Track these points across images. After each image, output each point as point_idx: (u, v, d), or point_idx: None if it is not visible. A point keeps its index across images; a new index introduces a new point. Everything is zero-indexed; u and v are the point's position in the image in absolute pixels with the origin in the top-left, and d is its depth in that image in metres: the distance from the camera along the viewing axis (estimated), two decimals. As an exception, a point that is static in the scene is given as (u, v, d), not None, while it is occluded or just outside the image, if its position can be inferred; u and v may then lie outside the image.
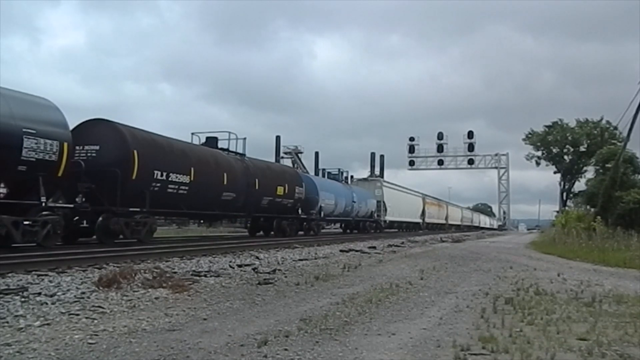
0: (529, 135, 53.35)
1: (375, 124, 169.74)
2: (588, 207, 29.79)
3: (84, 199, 12.85)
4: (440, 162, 68.64)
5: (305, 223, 25.36)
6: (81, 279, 7.31)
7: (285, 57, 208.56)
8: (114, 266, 8.65)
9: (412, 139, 68.66)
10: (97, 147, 13.45)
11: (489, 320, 5.16)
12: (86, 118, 13.91)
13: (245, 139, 20.92)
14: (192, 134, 19.77)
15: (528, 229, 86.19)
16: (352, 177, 36.87)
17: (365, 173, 51.54)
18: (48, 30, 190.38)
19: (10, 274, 7.37)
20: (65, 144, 11.34)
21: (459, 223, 65.63)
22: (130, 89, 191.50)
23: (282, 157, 52.36)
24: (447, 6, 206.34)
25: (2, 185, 10.27)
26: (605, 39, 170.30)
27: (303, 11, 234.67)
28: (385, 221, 38.09)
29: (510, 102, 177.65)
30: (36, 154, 10.63)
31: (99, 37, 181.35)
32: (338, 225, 35.56)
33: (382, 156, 57.21)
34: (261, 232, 22.92)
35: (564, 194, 51.83)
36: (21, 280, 7.03)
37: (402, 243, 21.55)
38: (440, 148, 67.37)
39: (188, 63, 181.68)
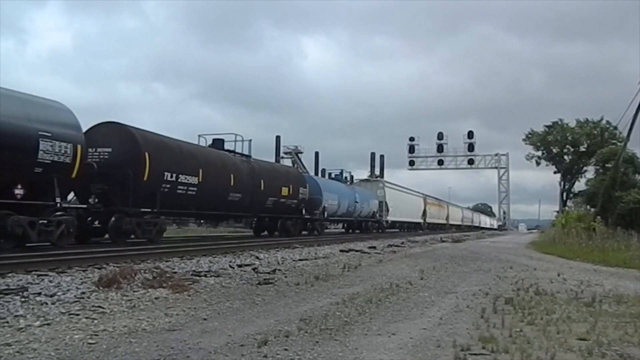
0: (529, 135, 53.29)
1: (369, 124, 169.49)
2: (588, 207, 29.80)
3: (96, 200, 13.15)
4: (440, 162, 68.56)
5: (309, 223, 25.57)
6: (81, 279, 7.31)
7: (274, 57, 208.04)
8: (114, 266, 8.64)
9: (412, 139, 68.59)
10: (110, 149, 13.80)
11: (489, 320, 5.16)
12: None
13: (250, 140, 21.32)
14: (199, 135, 20.04)
15: (528, 229, 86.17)
16: (352, 177, 36.99)
17: (361, 173, 51.72)
18: (33, 31, 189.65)
19: (10, 274, 7.37)
20: (79, 146, 11.63)
21: (459, 223, 65.64)
22: (123, 90, 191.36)
23: (282, 157, 52.36)
24: (430, 6, 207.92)
25: (19, 186, 10.53)
26: (591, 38, 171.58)
27: (286, 11, 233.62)
28: (387, 221, 38.22)
29: (502, 102, 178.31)
30: (51, 156, 10.91)
31: (85, 38, 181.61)
32: (340, 225, 35.67)
33: (382, 156, 57.34)
34: (265, 232, 23.17)
35: (564, 194, 51.79)
36: (21, 280, 7.03)
37: (402, 243, 21.56)
38: (440, 148, 67.27)
39: (177, 64, 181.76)
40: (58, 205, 11.20)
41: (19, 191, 10.49)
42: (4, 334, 4.31)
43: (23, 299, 5.70)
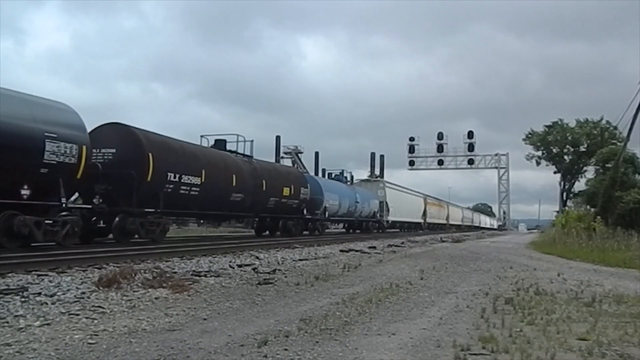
0: (529, 135, 53.31)
1: (369, 124, 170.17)
2: (588, 207, 29.78)
3: (101, 200, 13.26)
4: (440, 162, 68.61)
5: (310, 223, 25.64)
6: (81, 279, 7.32)
7: (273, 57, 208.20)
8: (114, 266, 8.65)
9: (412, 139, 68.66)
10: (114, 150, 13.94)
11: (489, 320, 5.16)
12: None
13: (252, 141, 21.42)
14: (202, 136, 20.08)
15: (528, 229, 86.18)
16: (352, 177, 37.04)
17: (361, 173, 51.79)
18: (32, 31, 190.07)
19: (10, 274, 7.37)
20: (84, 147, 11.75)
21: (459, 223, 65.68)
22: (122, 90, 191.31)
23: (282, 157, 52.37)
24: (428, 6, 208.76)
25: (26, 187, 10.65)
26: (590, 38, 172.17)
27: (284, 11, 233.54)
28: (387, 221, 38.30)
29: (501, 102, 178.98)
30: (57, 157, 11.05)
31: (83, 38, 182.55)
32: (341, 225, 35.73)
33: (382, 156, 57.38)
34: (267, 232, 23.27)
35: (564, 194, 51.79)
36: (21, 280, 7.03)
37: (402, 243, 21.56)
38: (440, 148, 67.31)
39: (176, 64, 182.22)
40: (63, 205, 11.34)
41: (25, 191, 10.62)
42: (4, 334, 4.31)
43: (23, 299, 5.70)
